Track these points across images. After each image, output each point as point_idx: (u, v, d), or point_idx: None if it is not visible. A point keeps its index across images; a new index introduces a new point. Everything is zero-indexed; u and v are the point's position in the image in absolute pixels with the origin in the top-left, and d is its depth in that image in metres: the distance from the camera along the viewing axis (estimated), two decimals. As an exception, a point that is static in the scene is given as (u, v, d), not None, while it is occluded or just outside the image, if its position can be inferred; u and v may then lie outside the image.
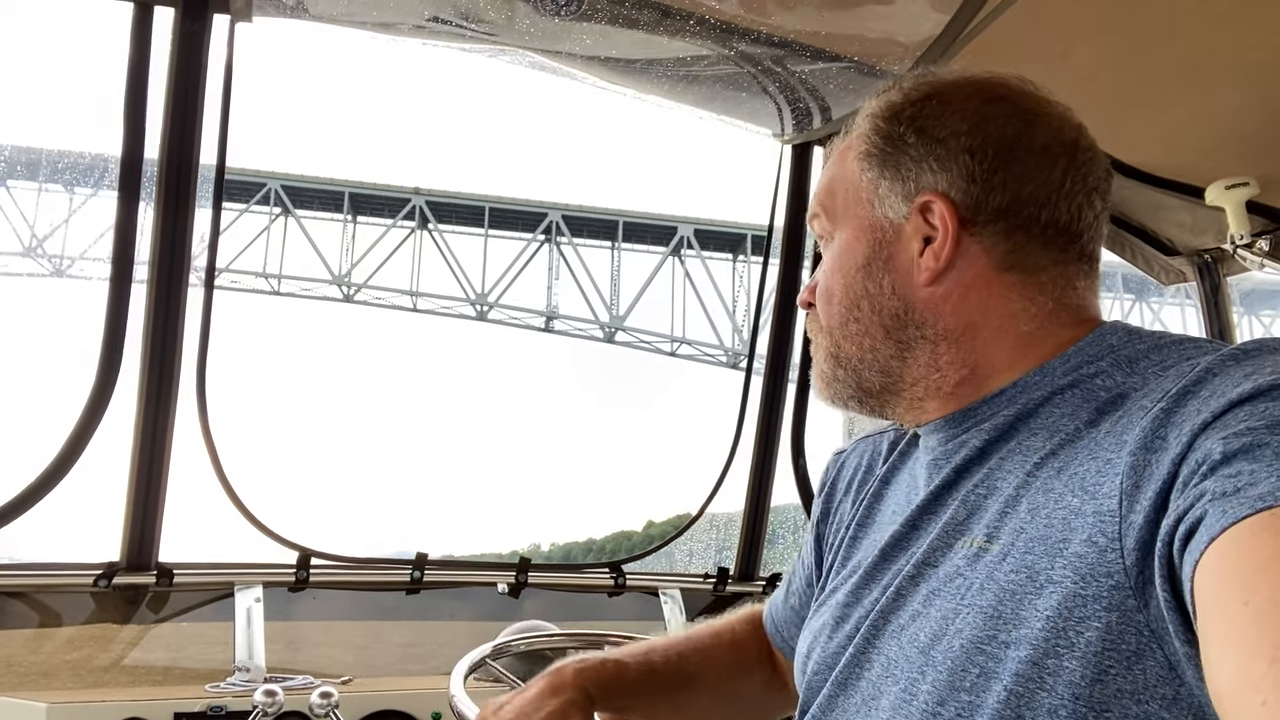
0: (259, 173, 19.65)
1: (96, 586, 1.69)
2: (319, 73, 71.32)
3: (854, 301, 0.78)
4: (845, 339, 0.80)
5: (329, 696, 1.46)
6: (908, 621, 0.69)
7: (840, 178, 0.81)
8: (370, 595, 1.96)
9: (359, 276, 20.05)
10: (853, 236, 0.79)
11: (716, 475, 2.29)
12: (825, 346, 0.82)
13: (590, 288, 20.41)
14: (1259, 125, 1.59)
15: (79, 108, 17.61)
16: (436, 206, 20.56)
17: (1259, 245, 1.81)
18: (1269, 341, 0.60)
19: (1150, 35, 1.41)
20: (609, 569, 2.15)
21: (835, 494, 0.96)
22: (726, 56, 1.69)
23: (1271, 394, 0.53)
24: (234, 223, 19.10)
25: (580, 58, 1.73)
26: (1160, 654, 0.54)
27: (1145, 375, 0.65)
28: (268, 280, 19.38)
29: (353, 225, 20.36)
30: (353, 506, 19.92)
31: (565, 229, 20.81)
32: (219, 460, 1.80)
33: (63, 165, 13.23)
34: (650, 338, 20.21)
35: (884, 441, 0.93)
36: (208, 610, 1.78)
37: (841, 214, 0.80)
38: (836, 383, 0.82)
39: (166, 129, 1.64)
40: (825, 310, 0.81)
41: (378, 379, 28.61)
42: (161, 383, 1.68)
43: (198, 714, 1.45)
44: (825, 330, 0.82)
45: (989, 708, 0.59)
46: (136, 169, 1.64)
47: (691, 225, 20.79)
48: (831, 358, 0.81)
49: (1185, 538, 0.50)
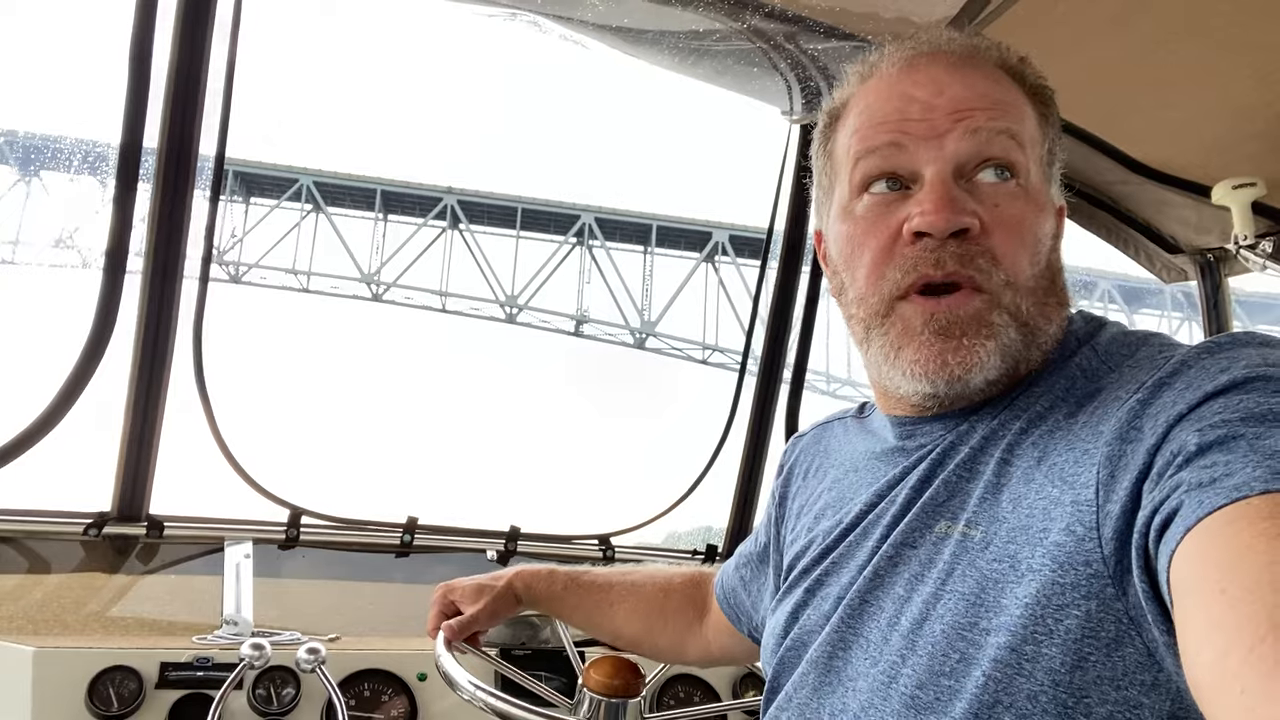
0: (291, 169, 19.59)
1: (86, 535, 1.69)
2: (354, 69, 70.64)
3: (1051, 268, 0.71)
4: (1037, 307, 0.69)
5: (316, 653, 1.47)
6: (887, 604, 0.69)
7: (1025, 119, 0.73)
8: (359, 556, 1.97)
9: (388, 275, 19.90)
10: (1047, 197, 0.73)
11: (708, 455, 2.30)
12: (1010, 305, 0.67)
13: (622, 292, 20.20)
14: (1269, 126, 1.58)
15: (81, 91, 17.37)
16: (468, 206, 20.41)
17: (1262, 247, 1.81)
18: (1241, 335, 0.60)
19: (1167, 30, 1.40)
20: (598, 540, 2.16)
21: (794, 477, 0.97)
22: (739, 31, 1.67)
23: (1246, 386, 0.53)
24: (265, 218, 19.08)
25: (592, 25, 1.71)
26: (1139, 641, 0.55)
27: (1120, 367, 0.65)
28: (296, 277, 19.26)
29: (384, 223, 20.25)
30: (354, 478, 20.04)
31: (598, 232, 20.58)
32: (213, 415, 1.80)
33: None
34: (681, 344, 20.00)
35: (843, 424, 0.94)
36: (197, 564, 1.79)
37: (1031, 161, 0.72)
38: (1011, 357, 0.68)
39: (167, 114, 1.61)
40: (1015, 259, 0.68)
41: (400, 377, 28.60)
42: (159, 334, 1.68)
43: (184, 664, 1.46)
44: (1011, 285, 0.68)
45: (968, 692, 0.60)
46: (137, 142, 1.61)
47: (727, 231, 20.48)
48: (1022, 327, 0.68)
49: (1161, 528, 0.51)
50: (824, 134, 0.82)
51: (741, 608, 1.06)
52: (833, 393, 16.13)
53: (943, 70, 0.72)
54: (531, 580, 1.17)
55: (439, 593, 1.18)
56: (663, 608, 1.16)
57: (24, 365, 8.08)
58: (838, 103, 0.80)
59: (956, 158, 0.69)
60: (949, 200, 0.67)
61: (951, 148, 0.69)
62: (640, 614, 1.16)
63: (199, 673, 1.46)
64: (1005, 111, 0.70)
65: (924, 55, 0.74)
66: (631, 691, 1.05)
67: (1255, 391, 0.53)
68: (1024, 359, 0.69)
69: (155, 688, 1.43)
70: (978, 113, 0.69)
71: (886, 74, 0.75)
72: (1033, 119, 0.73)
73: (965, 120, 0.69)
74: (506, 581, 1.16)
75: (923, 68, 0.73)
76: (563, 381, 25.33)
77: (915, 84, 0.72)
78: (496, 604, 1.14)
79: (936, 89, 0.71)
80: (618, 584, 1.17)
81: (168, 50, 1.59)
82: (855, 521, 0.78)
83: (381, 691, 1.55)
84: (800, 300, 2.18)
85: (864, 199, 0.73)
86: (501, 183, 50.18)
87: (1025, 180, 0.70)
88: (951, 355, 0.67)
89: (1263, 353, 0.57)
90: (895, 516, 0.73)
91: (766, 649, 0.85)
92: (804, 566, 0.82)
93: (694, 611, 1.16)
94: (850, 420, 0.93)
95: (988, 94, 0.70)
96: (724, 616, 1.10)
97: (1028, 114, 0.73)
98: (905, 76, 0.73)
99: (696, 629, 1.16)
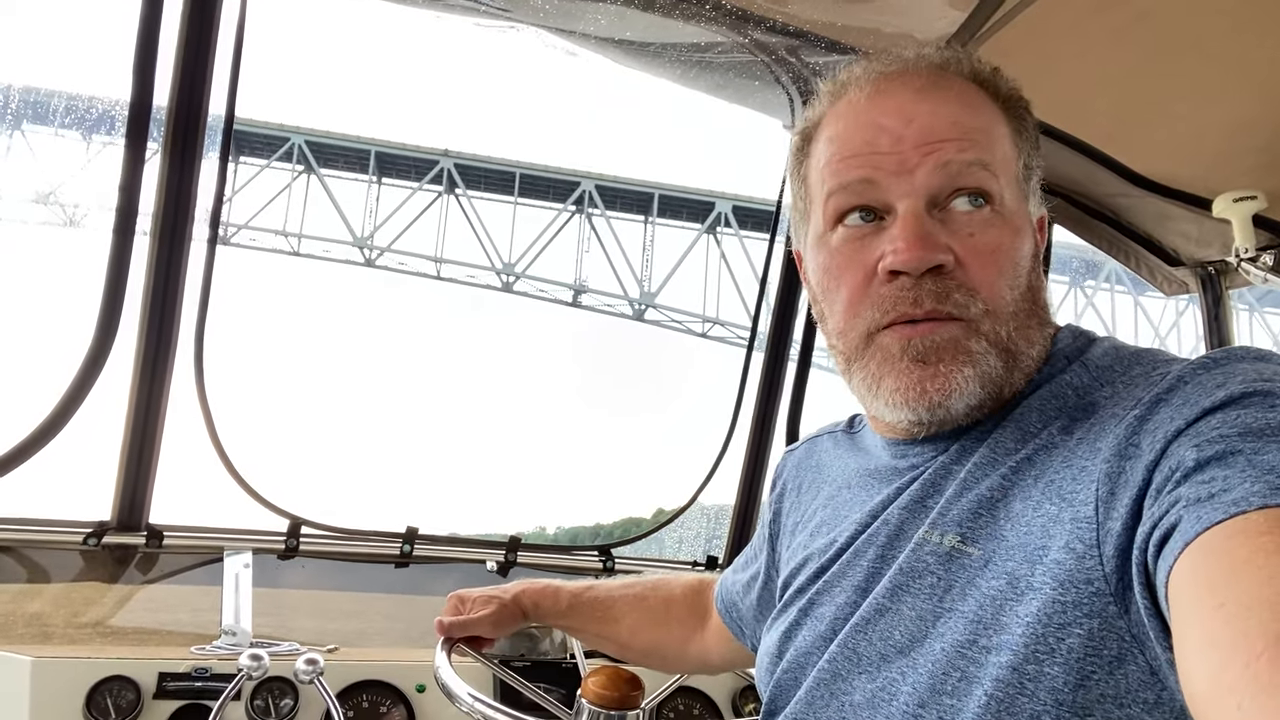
0: (283, 127, 19.08)
1: (86, 545, 1.69)
2: (350, 26, 70.08)
3: (1031, 289, 0.70)
4: (1018, 331, 0.69)
5: (314, 664, 1.47)
6: (885, 624, 0.69)
7: (997, 139, 0.72)
8: (359, 567, 1.96)
9: (382, 240, 19.51)
10: (1022, 218, 0.72)
11: (711, 463, 2.29)
12: (989, 333, 0.67)
13: (621, 262, 19.85)
14: (1270, 139, 1.59)
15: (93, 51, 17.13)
16: (465, 170, 19.93)
17: (1263, 259, 1.81)
18: (1238, 350, 0.60)
19: (1167, 44, 1.40)
20: (598, 552, 2.15)
21: (787, 492, 0.97)
22: (740, 44, 1.68)
23: (1243, 402, 0.54)
24: (254, 178, 18.56)
25: (594, 38, 1.72)
26: (1142, 659, 0.55)
27: (1114, 383, 0.65)
28: (287, 239, 18.95)
29: (378, 186, 19.76)
30: (354, 487, 19.74)
31: (598, 199, 20.15)
32: (214, 424, 1.80)
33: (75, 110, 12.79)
34: (681, 316, 19.73)
35: (833, 438, 0.93)
36: (196, 574, 1.79)
37: (1005, 184, 0.71)
38: (991, 385, 0.68)
39: (176, 76, 1.61)
40: (994, 287, 0.68)
41: (394, 349, 28.20)
42: (160, 342, 1.68)
43: (182, 674, 1.46)
44: (991, 314, 0.68)
45: (970, 711, 0.59)
46: (145, 116, 1.61)
47: (730, 202, 20.05)
48: (1004, 353, 0.68)
49: (1160, 543, 0.51)
50: (797, 156, 0.81)
51: (743, 619, 1.07)
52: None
53: (910, 96, 0.71)
54: (538, 597, 1.17)
55: (451, 599, 1.19)
56: (666, 619, 1.16)
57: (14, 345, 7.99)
58: (809, 123, 0.79)
59: (928, 191, 0.68)
60: (921, 237, 0.67)
61: (922, 181, 0.68)
62: (645, 627, 1.16)
63: (197, 683, 1.46)
64: (975, 140, 0.69)
65: (893, 77, 0.73)
66: (628, 704, 1.05)
67: (1253, 407, 0.53)
68: (1007, 383, 0.69)
69: (153, 698, 1.43)
70: (947, 144, 0.68)
71: (855, 100, 0.74)
72: (1006, 137, 0.72)
73: (935, 154, 0.68)
74: (514, 595, 1.17)
75: (891, 93, 0.72)
76: (566, 355, 25.07)
77: (884, 112, 0.71)
78: (501, 614, 1.15)
79: (904, 119, 0.70)
80: (620, 598, 1.18)
81: (178, 9, 1.59)
82: (849, 540, 0.77)
83: (380, 703, 1.55)
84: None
85: (839, 231, 0.73)
86: (500, 147, 49.69)
87: (1000, 205, 0.69)
88: (930, 383, 0.67)
89: (1259, 368, 0.57)
90: (890, 536, 0.73)
91: (761, 668, 0.84)
92: (799, 586, 0.81)
93: (695, 620, 1.17)
94: (840, 434, 0.93)
95: (958, 121, 0.69)
96: (725, 625, 1.11)
97: (1000, 133, 0.72)
98: (874, 104, 0.72)
99: (698, 637, 1.16)
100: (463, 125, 59.39)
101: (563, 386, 29.79)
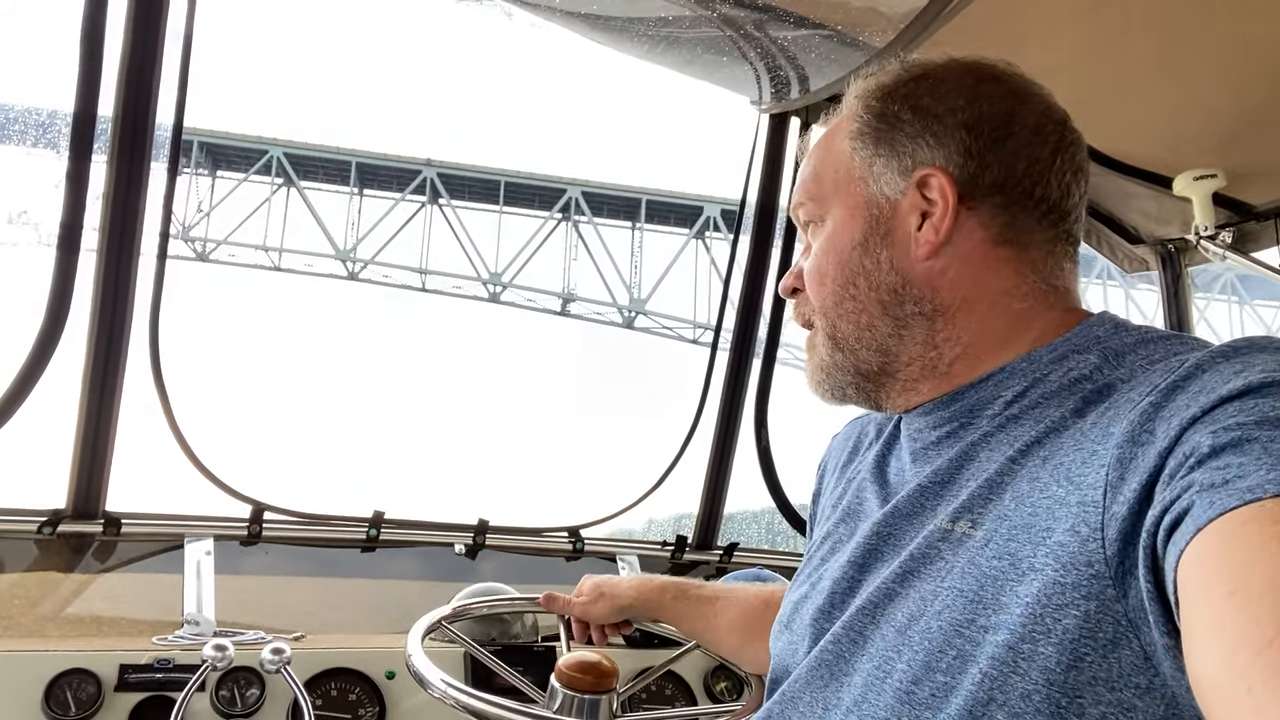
0: (260, 139, 18.56)
1: (40, 533, 1.65)
2: (325, 33, 68.11)
3: (849, 279, 0.78)
4: (841, 318, 0.79)
5: (281, 653, 1.44)
6: (884, 600, 0.69)
7: (828, 160, 0.81)
8: (324, 552, 1.94)
9: (364, 252, 19.04)
10: (846, 215, 0.79)
11: (678, 446, 2.29)
12: (822, 328, 0.81)
13: (610, 269, 19.58)
14: (1230, 118, 1.61)
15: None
16: (449, 180, 19.45)
17: (1222, 237, 1.84)
18: (1259, 339, 0.60)
19: (1130, 22, 1.41)
20: (568, 533, 2.15)
21: (827, 473, 1.00)
22: (708, 18, 1.66)
23: (1261, 391, 0.53)
24: (232, 193, 18.15)
25: (560, 11, 1.69)
26: (1137, 644, 0.55)
27: (1133, 369, 0.65)
28: (268, 254, 18.51)
29: (359, 198, 19.21)
30: (321, 477, 19.48)
31: (585, 206, 19.84)
32: (171, 411, 1.75)
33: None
34: (672, 323, 19.66)
35: (872, 424, 0.95)
36: (156, 561, 1.75)
37: (832, 196, 0.80)
38: (835, 369, 0.80)
39: (121, 80, 1.56)
40: (818, 292, 0.80)
41: (377, 360, 27.77)
42: (113, 330, 1.63)
43: (144, 666, 1.43)
44: (820, 312, 0.81)
45: (963, 689, 0.60)
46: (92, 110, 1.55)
47: (718, 205, 19.80)
48: (829, 340, 0.80)
49: (1170, 528, 0.51)
50: None
51: None
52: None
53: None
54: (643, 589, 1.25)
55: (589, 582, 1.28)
56: (762, 619, 1.16)
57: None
58: None
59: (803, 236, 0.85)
60: (789, 274, 0.86)
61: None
62: (740, 625, 1.19)
63: (160, 675, 1.43)
64: (806, 186, 0.82)
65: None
66: (600, 688, 1.05)
67: (1270, 396, 0.53)
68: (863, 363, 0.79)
69: (115, 690, 1.40)
70: (800, 205, 0.84)
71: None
72: (842, 136, 0.80)
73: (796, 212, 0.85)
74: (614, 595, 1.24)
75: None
76: (553, 362, 24.76)
77: None
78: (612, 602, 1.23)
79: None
80: (724, 596, 1.22)
81: (122, 14, 1.54)
82: (859, 516, 0.80)
83: (349, 690, 1.53)
84: (770, 282, 2.19)
85: None
86: (484, 155, 48.84)
87: (827, 219, 0.80)
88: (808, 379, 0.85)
89: (1278, 358, 0.57)
90: (893, 513, 0.74)
91: (773, 635, 0.87)
92: (816, 561, 0.84)
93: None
94: (884, 416, 0.94)
95: (806, 178, 0.83)
96: None
97: (835, 141, 0.81)
98: None
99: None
100: (445, 133, 58.35)
101: (550, 388, 29.78)
